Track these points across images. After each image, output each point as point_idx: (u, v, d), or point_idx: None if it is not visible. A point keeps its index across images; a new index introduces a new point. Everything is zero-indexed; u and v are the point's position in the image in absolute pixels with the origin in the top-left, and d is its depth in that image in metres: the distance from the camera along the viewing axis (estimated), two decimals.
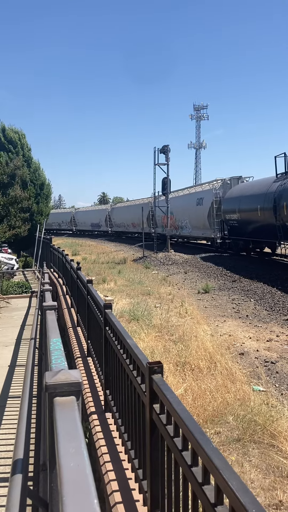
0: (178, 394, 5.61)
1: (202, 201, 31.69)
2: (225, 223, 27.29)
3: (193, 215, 33.35)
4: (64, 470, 0.98)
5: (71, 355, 6.93)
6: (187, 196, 36.87)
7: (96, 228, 66.44)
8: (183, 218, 36.17)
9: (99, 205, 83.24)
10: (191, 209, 33.87)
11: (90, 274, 19.68)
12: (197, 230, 33.51)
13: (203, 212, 30.90)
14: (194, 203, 32.86)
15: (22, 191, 30.53)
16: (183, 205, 35.76)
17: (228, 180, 29.35)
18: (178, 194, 39.90)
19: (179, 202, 36.98)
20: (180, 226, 37.42)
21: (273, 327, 10.56)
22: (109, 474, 3.22)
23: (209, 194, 30.20)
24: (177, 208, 36.50)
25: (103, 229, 62.99)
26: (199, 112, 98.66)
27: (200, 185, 34.48)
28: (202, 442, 1.60)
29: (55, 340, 2.67)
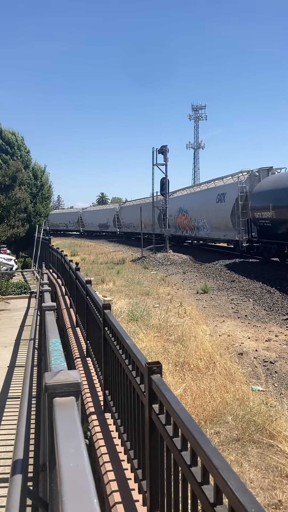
0: (177, 394, 5.62)
1: (224, 197, 26.86)
2: (254, 222, 22.73)
3: (212, 213, 28.80)
4: (64, 470, 0.98)
5: (71, 356, 6.93)
6: (205, 192, 31.24)
7: (104, 229, 62.92)
8: (200, 217, 31.48)
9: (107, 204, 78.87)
10: (210, 207, 29.10)
11: (89, 274, 19.68)
12: (217, 231, 28.83)
13: (226, 210, 26.42)
14: (214, 200, 28.04)
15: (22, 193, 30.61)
16: (200, 202, 31.10)
17: (256, 171, 24.26)
18: (194, 190, 35.67)
19: (195, 199, 32.74)
20: (196, 227, 32.92)
21: (272, 327, 10.58)
22: (108, 474, 3.23)
23: (233, 189, 25.33)
24: (193, 205, 32.59)
25: (111, 230, 59.41)
26: (197, 112, 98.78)
27: (221, 179, 28.88)
28: (201, 442, 1.61)
29: (54, 340, 2.67)
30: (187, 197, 35.42)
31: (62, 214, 78.50)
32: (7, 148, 33.16)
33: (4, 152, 32.84)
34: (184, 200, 35.65)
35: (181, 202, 36.05)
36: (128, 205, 54.87)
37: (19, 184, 31.47)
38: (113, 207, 59.89)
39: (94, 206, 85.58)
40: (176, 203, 36.72)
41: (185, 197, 36.26)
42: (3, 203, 28.87)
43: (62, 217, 76.66)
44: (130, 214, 49.63)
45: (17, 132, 34.74)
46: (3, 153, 32.69)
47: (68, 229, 75.36)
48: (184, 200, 35.65)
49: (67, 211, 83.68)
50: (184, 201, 35.51)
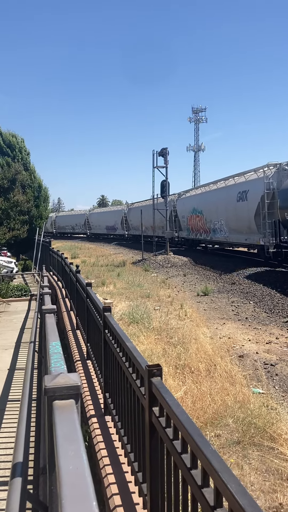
0: (178, 397, 5.61)
1: (246, 195, 23.34)
2: (283, 224, 19.45)
3: (231, 214, 25.26)
4: (63, 473, 0.98)
5: (71, 358, 6.93)
6: (223, 190, 27.42)
7: (111, 231, 58.96)
8: (216, 218, 27.87)
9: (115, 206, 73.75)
10: (229, 207, 25.47)
11: (89, 277, 19.69)
12: (237, 234, 25.15)
13: (248, 210, 22.88)
14: (234, 198, 24.53)
15: (22, 195, 30.62)
16: (217, 202, 27.40)
17: (286, 164, 21.02)
18: (210, 188, 30.97)
19: (211, 198, 28.85)
20: (212, 229, 29.00)
21: (273, 329, 10.57)
22: (108, 477, 3.22)
23: (258, 185, 21.99)
24: (209, 205, 28.95)
25: (119, 233, 55.64)
26: (197, 115, 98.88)
27: (241, 174, 25.31)
28: (201, 444, 1.61)
29: (54, 343, 2.67)
30: (201, 196, 31.60)
31: (68, 217, 76.24)
32: (8, 150, 33.18)
33: (5, 154, 32.86)
34: (198, 200, 32.09)
35: (195, 201, 32.58)
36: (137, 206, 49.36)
37: (22, 187, 31.48)
38: (121, 208, 56.22)
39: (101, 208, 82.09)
40: (189, 203, 33.95)
41: (199, 196, 32.48)
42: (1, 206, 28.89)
43: (69, 220, 74.38)
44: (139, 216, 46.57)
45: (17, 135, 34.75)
46: (4, 155, 32.71)
47: (75, 232, 72.87)
48: (198, 200, 32.09)
49: (73, 213, 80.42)
50: (198, 200, 31.92)
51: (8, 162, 31.94)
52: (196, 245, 35.26)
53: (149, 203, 41.91)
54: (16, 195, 29.87)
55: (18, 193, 30.31)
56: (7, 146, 33.22)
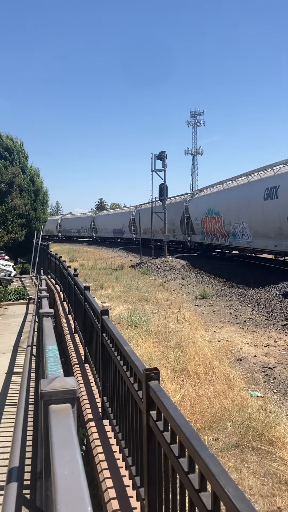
0: (176, 401, 5.60)
1: (275, 191, 19.32)
2: None
3: (257, 215, 21.23)
4: (59, 477, 0.97)
5: (69, 362, 6.91)
6: (245, 186, 23.15)
7: (118, 234, 55.67)
8: (237, 220, 23.83)
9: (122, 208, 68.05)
10: (253, 206, 21.45)
11: (87, 280, 19.68)
12: (264, 239, 21.11)
13: (279, 209, 18.98)
14: (260, 196, 20.53)
15: (19, 199, 30.61)
16: (238, 201, 23.42)
17: None
18: (229, 185, 26.66)
19: (230, 197, 24.87)
20: (231, 233, 24.95)
21: (271, 333, 10.56)
22: (106, 481, 3.21)
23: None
24: (228, 205, 24.90)
25: (126, 236, 51.99)
26: (195, 118, 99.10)
27: (268, 167, 21.45)
28: (199, 448, 1.60)
29: (51, 347, 2.66)
30: (218, 195, 27.45)
31: (74, 219, 73.91)
32: (6, 154, 33.20)
33: (4, 158, 32.87)
34: (214, 199, 27.92)
35: (211, 201, 28.35)
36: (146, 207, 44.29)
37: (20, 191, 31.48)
38: (129, 210, 52.23)
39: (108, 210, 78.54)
40: (204, 203, 29.80)
41: (216, 195, 28.18)
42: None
43: (74, 223, 72.07)
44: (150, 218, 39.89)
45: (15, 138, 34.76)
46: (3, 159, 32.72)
47: (81, 235, 70.72)
48: (214, 199, 27.92)
49: (79, 215, 77.00)
50: (214, 200, 27.83)
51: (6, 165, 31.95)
52: (212, 251, 31.53)
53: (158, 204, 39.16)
54: (14, 199, 29.86)
55: (16, 196, 30.29)
56: (4, 150, 33.24)
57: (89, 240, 66.49)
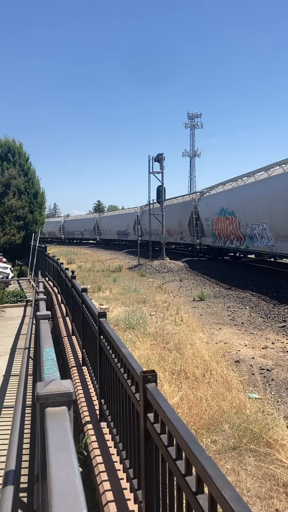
0: (174, 403, 5.59)
1: None
2: None
3: (280, 214, 18.50)
4: (54, 481, 0.97)
5: (66, 364, 6.89)
6: (265, 182, 20.37)
7: (123, 237, 52.56)
8: (255, 220, 20.97)
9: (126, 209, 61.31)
10: (276, 205, 18.73)
11: (85, 282, 19.65)
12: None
13: None
14: (284, 193, 18.01)
15: (16, 200, 30.59)
16: (257, 199, 20.47)
17: None
18: (245, 181, 23.80)
19: (247, 194, 21.97)
20: (248, 235, 22.11)
21: (269, 334, 10.56)
22: (104, 484, 3.20)
23: None
24: (244, 204, 22.12)
25: (131, 238, 48.03)
26: (193, 121, 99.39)
27: None
28: (196, 451, 1.60)
29: (48, 350, 2.66)
30: (233, 193, 24.41)
31: (77, 221, 71.02)
32: (9, 156, 33.19)
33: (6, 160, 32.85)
34: (228, 197, 24.96)
35: (224, 200, 25.43)
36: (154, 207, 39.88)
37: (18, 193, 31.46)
38: (134, 211, 48.91)
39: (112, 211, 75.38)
40: (216, 202, 26.88)
41: (229, 193, 25.18)
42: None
43: (78, 224, 69.14)
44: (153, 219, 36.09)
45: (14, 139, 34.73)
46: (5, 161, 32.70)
47: (84, 238, 67.95)
48: (228, 197, 24.96)
49: (82, 217, 74.53)
50: (228, 198, 24.90)
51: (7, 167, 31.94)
52: (224, 255, 28.68)
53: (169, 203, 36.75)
54: (11, 200, 29.82)
55: (13, 198, 30.27)
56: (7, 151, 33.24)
57: (92, 243, 63.86)
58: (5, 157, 32.92)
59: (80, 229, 68.14)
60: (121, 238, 53.96)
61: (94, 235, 63.18)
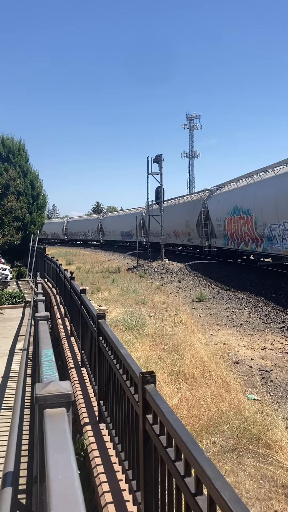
0: (173, 404, 5.58)
1: None
2: None
3: None
4: (53, 482, 0.97)
5: (65, 365, 6.88)
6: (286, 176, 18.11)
7: (127, 238, 49.74)
8: (274, 220, 18.67)
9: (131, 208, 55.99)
10: None
11: (84, 283, 19.64)
12: None
13: None
14: None
15: (16, 201, 30.59)
16: (277, 195, 18.28)
17: None
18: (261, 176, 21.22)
19: (265, 191, 19.58)
20: (266, 236, 19.78)
21: (268, 335, 10.57)
22: (102, 485, 3.19)
23: None
24: (261, 201, 19.70)
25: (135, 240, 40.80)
26: (192, 122, 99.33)
27: None
28: (195, 452, 1.59)
29: (46, 351, 2.65)
30: (249, 190, 21.77)
31: (80, 222, 68.56)
32: (10, 156, 33.16)
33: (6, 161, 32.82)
34: (242, 194, 22.34)
35: (238, 197, 22.89)
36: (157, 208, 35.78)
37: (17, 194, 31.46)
38: (138, 211, 45.48)
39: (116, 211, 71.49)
40: (228, 200, 24.25)
41: (244, 189, 22.52)
42: None
43: (81, 225, 66.63)
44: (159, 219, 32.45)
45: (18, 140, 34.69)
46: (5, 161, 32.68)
47: (88, 239, 65.52)
48: (242, 194, 22.34)
49: (86, 217, 72.26)
50: (242, 195, 22.27)
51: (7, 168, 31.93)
52: (236, 258, 26.18)
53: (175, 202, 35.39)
54: (10, 201, 29.82)
55: (12, 199, 30.26)
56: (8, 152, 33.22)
57: (96, 244, 62.04)
58: (6, 158, 32.89)
59: (83, 230, 65.74)
60: (125, 239, 51.15)
61: (97, 236, 60.85)
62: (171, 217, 29.81)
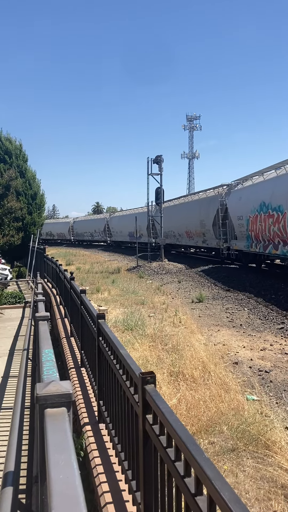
0: (172, 404, 5.59)
1: None
2: None
3: None
4: (53, 482, 0.97)
5: (65, 366, 6.89)
6: None
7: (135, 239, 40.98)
8: None
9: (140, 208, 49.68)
10: None
11: (83, 284, 19.64)
12: None
13: None
14: None
15: (15, 202, 30.61)
16: None
17: None
18: None
19: None
20: None
21: (267, 336, 10.57)
22: (102, 485, 3.19)
23: None
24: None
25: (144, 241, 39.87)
26: (192, 123, 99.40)
27: None
28: (195, 452, 1.60)
29: (47, 351, 2.66)
30: (278, 182, 18.62)
31: (87, 222, 66.39)
32: (6, 157, 33.15)
33: (3, 161, 32.81)
34: (270, 188, 19.19)
35: (265, 192, 19.76)
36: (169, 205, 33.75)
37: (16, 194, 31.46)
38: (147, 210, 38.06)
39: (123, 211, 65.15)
40: (252, 196, 21.04)
41: (273, 182, 19.32)
42: None
43: (87, 225, 64.34)
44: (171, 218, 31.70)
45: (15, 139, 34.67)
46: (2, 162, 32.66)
47: (94, 240, 62.93)
48: (270, 188, 19.19)
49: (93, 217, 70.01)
50: (270, 189, 19.12)
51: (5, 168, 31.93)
52: (261, 262, 22.97)
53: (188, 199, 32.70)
54: (10, 202, 29.84)
55: (12, 199, 30.28)
56: (4, 153, 33.19)
57: (103, 245, 58.49)
58: (3, 159, 32.89)
59: (90, 230, 63.23)
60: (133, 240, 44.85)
61: (104, 236, 57.79)
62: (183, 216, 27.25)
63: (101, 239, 60.02)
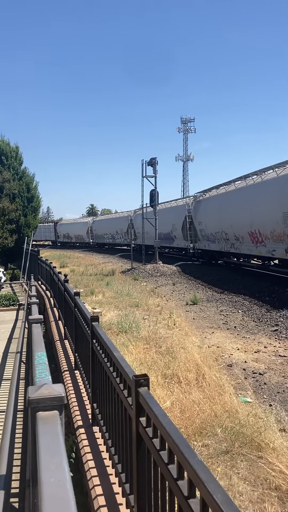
0: (166, 407, 5.58)
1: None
2: None
3: None
4: (45, 486, 0.96)
5: (59, 368, 6.86)
6: None
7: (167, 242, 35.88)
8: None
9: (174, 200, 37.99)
10: None
11: (78, 286, 19.60)
12: None
13: None
14: None
15: (10, 203, 30.52)
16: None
17: None
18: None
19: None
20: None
21: (261, 338, 10.59)
22: (96, 488, 3.18)
23: None
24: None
25: (178, 245, 34.16)
26: (186, 125, 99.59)
27: None
28: (188, 455, 1.59)
29: (39, 354, 2.65)
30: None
31: (107, 221, 55.50)
32: (3, 158, 33.06)
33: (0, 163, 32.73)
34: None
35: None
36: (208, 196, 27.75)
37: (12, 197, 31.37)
38: (183, 203, 33.09)
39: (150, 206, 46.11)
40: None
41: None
42: None
43: (108, 225, 53.72)
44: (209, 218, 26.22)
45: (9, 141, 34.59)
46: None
47: (116, 242, 52.67)
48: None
49: (114, 216, 57.54)
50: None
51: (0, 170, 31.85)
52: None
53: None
54: (3, 203, 29.76)
55: (6, 201, 30.19)
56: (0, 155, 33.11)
57: (125, 249, 46.72)
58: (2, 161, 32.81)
59: (111, 231, 53.00)
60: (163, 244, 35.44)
61: (127, 239, 45.56)
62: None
63: (124, 242, 49.31)
